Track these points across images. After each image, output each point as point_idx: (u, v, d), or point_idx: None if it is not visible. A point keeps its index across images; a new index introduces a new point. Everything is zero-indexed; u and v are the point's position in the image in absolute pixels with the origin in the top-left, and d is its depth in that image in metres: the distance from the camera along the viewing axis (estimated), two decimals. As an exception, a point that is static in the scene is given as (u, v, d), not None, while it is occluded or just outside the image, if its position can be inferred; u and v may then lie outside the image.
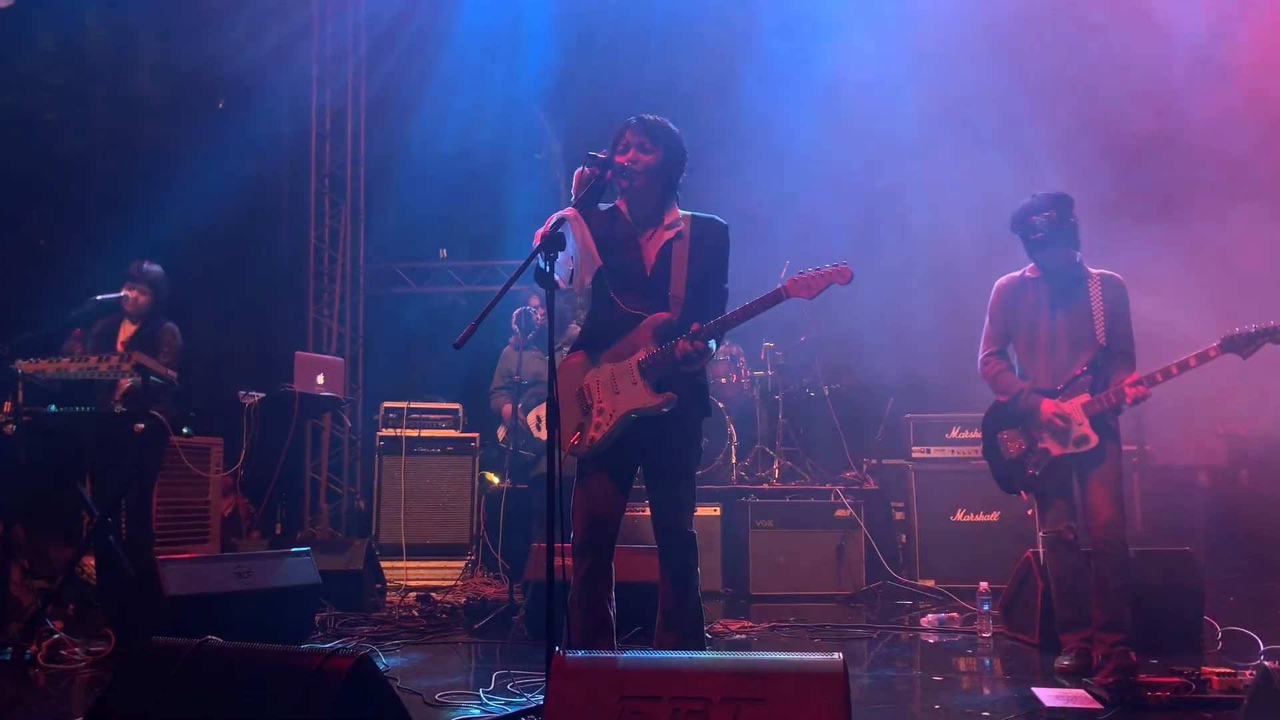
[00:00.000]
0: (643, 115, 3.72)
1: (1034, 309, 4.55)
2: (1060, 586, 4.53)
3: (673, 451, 3.71)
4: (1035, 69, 7.74)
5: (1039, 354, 4.52)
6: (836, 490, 6.98)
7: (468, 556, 7.42)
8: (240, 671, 2.72)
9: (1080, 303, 4.45)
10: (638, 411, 3.60)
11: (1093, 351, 4.40)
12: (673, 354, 3.55)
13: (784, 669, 2.53)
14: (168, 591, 4.50)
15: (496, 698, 3.90)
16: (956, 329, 7.41)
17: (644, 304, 3.68)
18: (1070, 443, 4.37)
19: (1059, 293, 4.51)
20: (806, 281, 3.61)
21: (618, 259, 3.71)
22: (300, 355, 6.64)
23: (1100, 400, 4.32)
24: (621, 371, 3.66)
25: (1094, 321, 4.40)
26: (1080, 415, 4.35)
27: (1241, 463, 7.45)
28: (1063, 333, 4.47)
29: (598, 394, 3.67)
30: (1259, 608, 6.00)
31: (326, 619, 5.50)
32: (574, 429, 3.69)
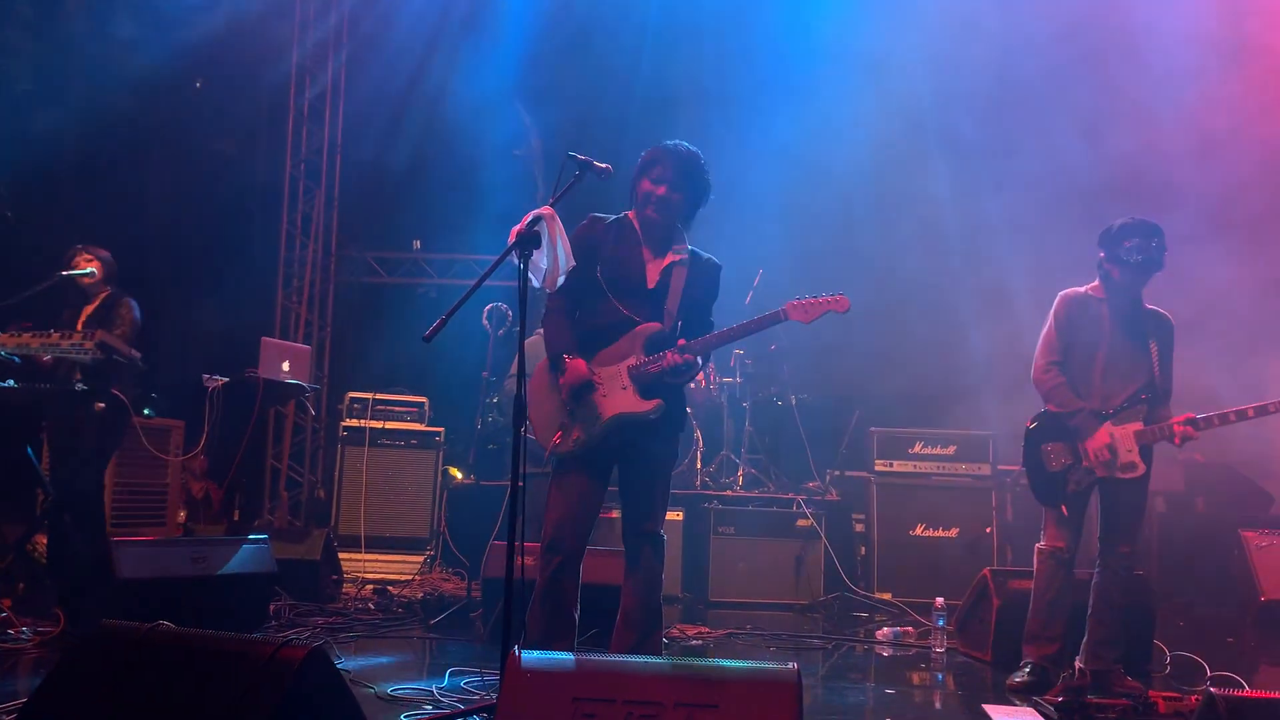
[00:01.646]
0: (679, 146, 3.81)
1: (1095, 328, 4.53)
2: (1040, 600, 4.55)
3: (652, 456, 3.77)
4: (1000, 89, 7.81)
5: (1093, 374, 4.51)
6: (799, 500, 7.01)
7: (427, 551, 7.38)
8: (191, 658, 2.69)
9: (1139, 333, 4.48)
10: (625, 416, 3.65)
11: (1145, 382, 4.42)
12: (662, 363, 3.63)
13: (738, 677, 2.53)
14: (120, 574, 4.44)
15: (450, 695, 3.88)
16: (925, 345, 7.50)
17: (641, 310, 3.76)
18: (1117, 469, 4.39)
19: (1121, 318, 4.50)
20: (805, 307, 3.74)
21: (622, 269, 3.79)
22: (266, 341, 6.58)
23: (1152, 432, 4.36)
24: (610, 375, 3.70)
25: (1150, 354, 4.43)
26: (1131, 442, 4.38)
27: (1198, 490, 7.53)
28: (1119, 358, 4.48)
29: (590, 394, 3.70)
30: (1208, 634, 6.09)
31: (281, 608, 5.45)
32: (555, 428, 3.71)
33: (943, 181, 7.75)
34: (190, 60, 8.73)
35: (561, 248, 3.61)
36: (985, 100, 7.81)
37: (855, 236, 8.18)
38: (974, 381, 7.29)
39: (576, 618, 3.68)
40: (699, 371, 3.72)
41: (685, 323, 3.80)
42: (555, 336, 3.80)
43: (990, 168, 7.66)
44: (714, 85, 8.62)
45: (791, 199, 7.87)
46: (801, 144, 7.76)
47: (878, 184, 8.18)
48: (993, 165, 7.66)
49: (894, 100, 7.94)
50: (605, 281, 3.77)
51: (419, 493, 7.54)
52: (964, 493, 7.03)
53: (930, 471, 7.10)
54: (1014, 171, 7.49)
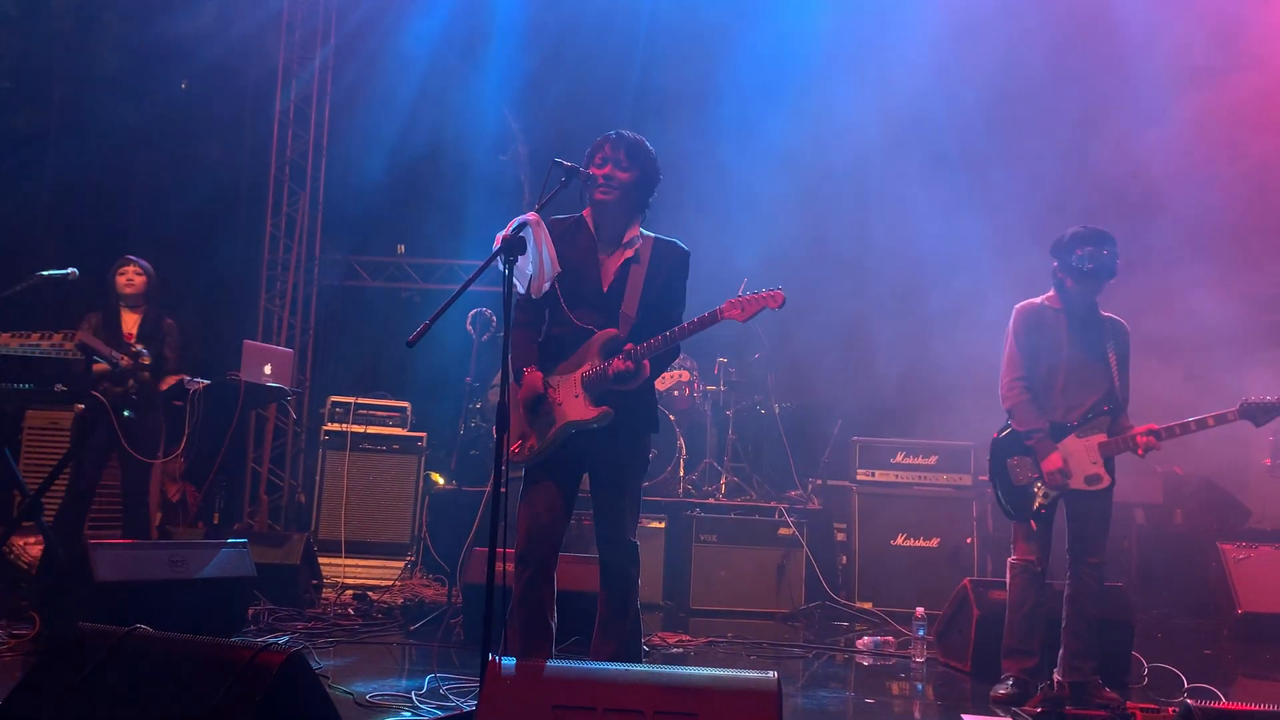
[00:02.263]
0: (622, 131, 3.75)
1: (1053, 338, 4.55)
2: (1016, 614, 4.54)
3: (615, 463, 3.72)
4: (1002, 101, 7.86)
5: (1056, 385, 4.52)
6: (781, 508, 7.02)
7: (407, 557, 7.34)
8: (169, 662, 2.67)
9: (1096, 341, 4.50)
10: (575, 425, 3.62)
11: (1106, 390, 4.44)
12: (607, 372, 3.58)
13: (718, 685, 2.53)
14: (97, 576, 4.40)
15: (428, 702, 3.87)
16: (909, 354, 7.52)
17: (596, 319, 3.70)
18: (1083, 481, 4.40)
19: (1077, 327, 4.52)
20: (741, 304, 3.65)
21: (575, 273, 3.73)
22: (248, 344, 6.54)
23: (1116, 443, 4.37)
24: (566, 385, 3.68)
25: (1109, 362, 4.46)
26: (1096, 454, 4.39)
27: (1177, 501, 7.60)
28: (1079, 368, 4.49)
29: (544, 404, 3.67)
30: (1186, 645, 6.13)
31: (260, 613, 5.42)
32: (517, 436, 3.69)
33: (925, 190, 7.78)
34: (175, 61, 8.71)
35: (547, 254, 3.61)
36: (966, 110, 7.86)
37: (838, 245, 8.22)
38: (956, 392, 7.31)
39: (554, 625, 3.66)
40: (643, 376, 3.66)
41: (648, 320, 3.71)
42: (516, 350, 3.75)
43: (973, 177, 7.70)
44: (699, 93, 8.64)
45: (773, 208, 7.90)
46: (783, 153, 7.79)
47: (861, 192, 8.22)
48: (976, 174, 7.70)
49: (873, 110, 7.99)
50: (560, 290, 3.71)
51: (400, 498, 7.50)
52: (945, 503, 7.06)
53: (912, 481, 7.12)
54: (997, 181, 7.54)
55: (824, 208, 8.08)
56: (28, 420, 6.69)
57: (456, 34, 9.01)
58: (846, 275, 8.09)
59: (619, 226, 3.78)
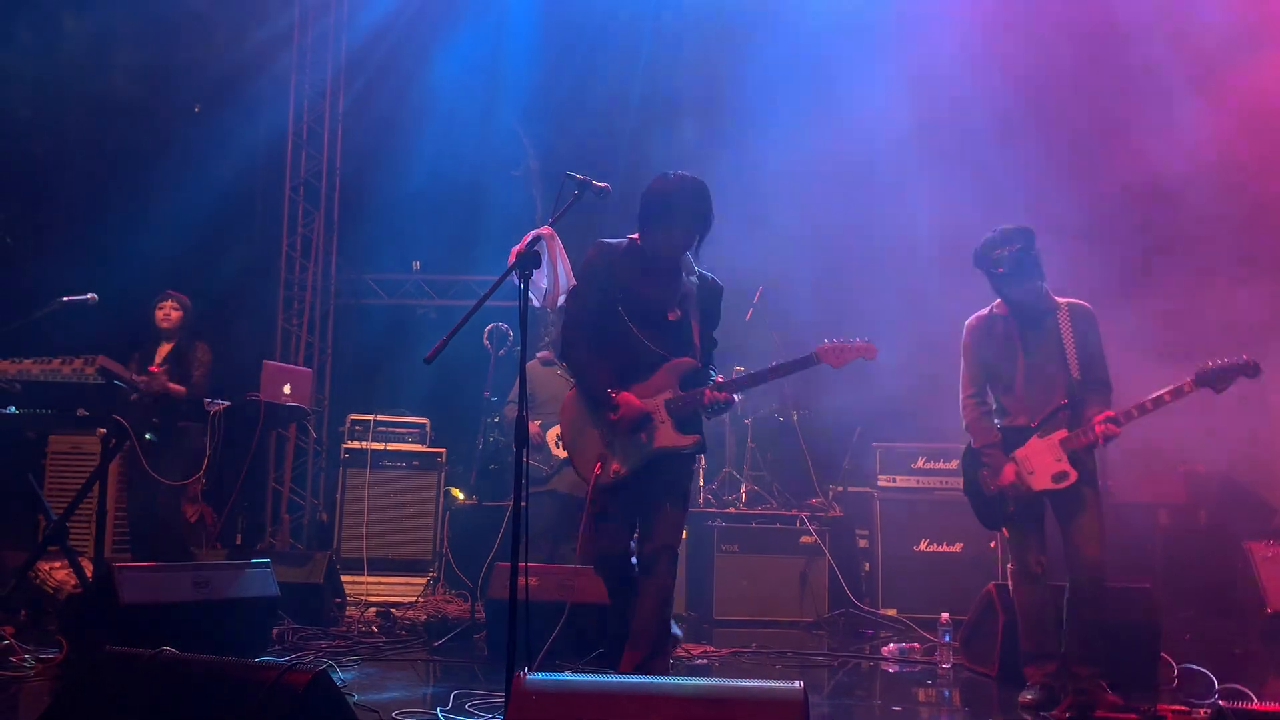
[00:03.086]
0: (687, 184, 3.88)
1: (1005, 345, 4.53)
2: (1026, 620, 4.51)
3: (676, 480, 3.95)
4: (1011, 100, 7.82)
5: (1015, 390, 4.50)
6: (802, 516, 7.00)
7: (430, 573, 7.35)
8: (196, 684, 2.68)
9: (1050, 336, 4.44)
10: (667, 450, 3.83)
11: (1067, 385, 4.38)
12: (701, 400, 3.82)
13: (744, 696, 2.52)
14: (123, 599, 4.42)
15: (455, 717, 3.87)
16: (926, 359, 7.47)
17: (665, 344, 3.89)
18: (1049, 480, 4.34)
19: (1028, 326, 4.49)
20: (837, 350, 3.98)
21: (641, 300, 3.89)
22: (268, 364, 6.57)
23: (1076, 436, 4.30)
24: (649, 409, 3.83)
25: (1066, 354, 4.39)
26: (1059, 451, 4.33)
27: (1200, 501, 7.52)
28: (1036, 368, 4.46)
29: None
30: (1215, 646, 6.06)
31: (284, 632, 5.44)
32: (595, 459, 3.86)
33: (946, 189, 7.74)
34: (187, 85, 8.78)
35: (562, 267, 3.63)
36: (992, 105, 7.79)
37: (857, 251, 8.19)
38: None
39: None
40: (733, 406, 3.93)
41: (705, 350, 4.00)
42: (594, 374, 3.90)
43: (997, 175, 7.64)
44: (711, 103, 8.65)
45: (795, 212, 7.88)
46: (805, 155, 7.77)
47: (877, 193, 8.18)
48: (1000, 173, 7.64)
49: (891, 109, 7.95)
50: (626, 314, 3.86)
51: (421, 514, 7.51)
52: (968, 507, 6.94)
53: (934, 486, 7.08)
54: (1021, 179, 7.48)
55: (839, 208, 8.05)
56: (51, 445, 6.73)
57: (466, 51, 9.05)
58: (863, 278, 8.05)
59: (678, 266, 3.99)
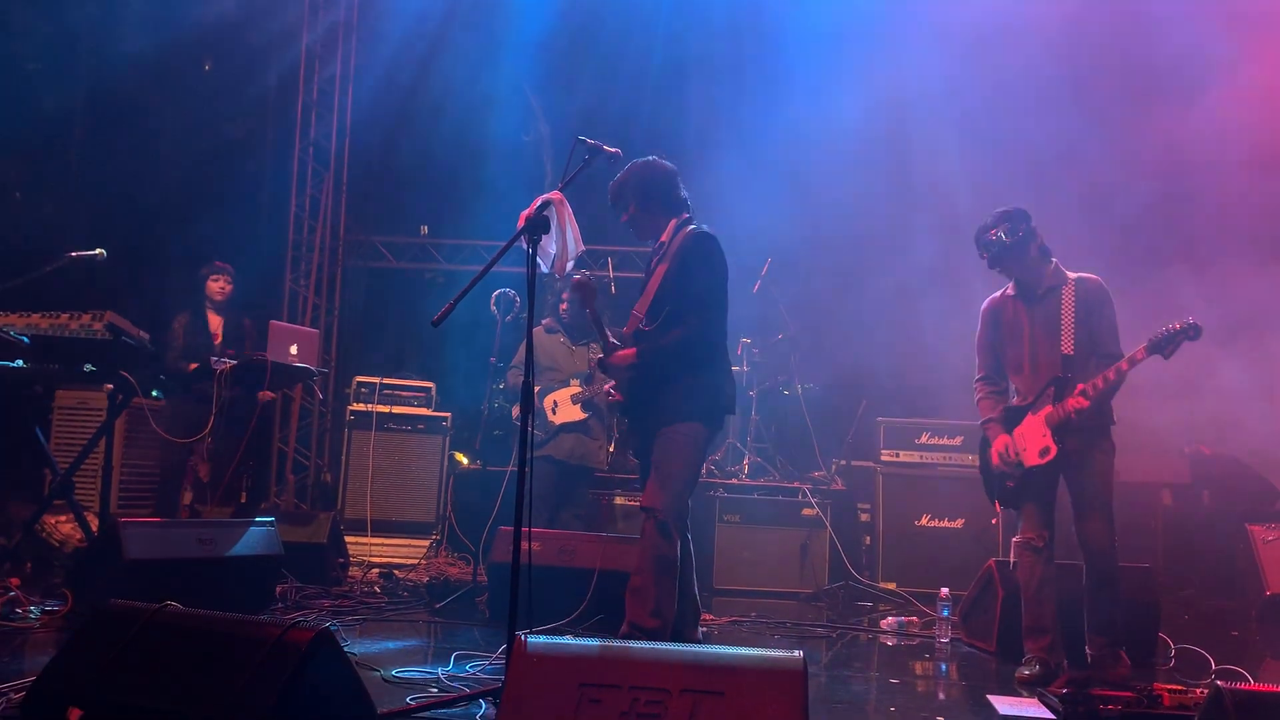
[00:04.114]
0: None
1: (1014, 327, 4.62)
2: (1026, 593, 4.56)
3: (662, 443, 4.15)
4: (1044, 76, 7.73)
5: (1024, 369, 4.60)
6: (804, 489, 7.01)
7: (433, 536, 7.39)
8: (199, 639, 2.70)
9: (1051, 314, 4.51)
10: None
11: (1060, 362, 4.45)
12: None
13: (745, 664, 2.53)
14: (127, 554, 4.45)
15: (456, 679, 3.89)
16: (933, 335, 7.46)
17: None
18: (1036, 456, 4.44)
19: (1035, 308, 4.57)
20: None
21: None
22: (275, 324, 6.57)
23: (1057, 411, 4.37)
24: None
25: (1061, 332, 4.46)
26: (1043, 427, 4.42)
27: (1204, 482, 7.51)
28: (1041, 346, 4.53)
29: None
30: (1213, 627, 6.09)
31: (287, 591, 5.47)
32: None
33: (955, 169, 7.69)
34: (199, 42, 8.72)
35: (570, 233, 3.62)
36: (1005, 84, 7.72)
37: (864, 224, 8.15)
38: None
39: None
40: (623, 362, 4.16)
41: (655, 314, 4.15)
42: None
43: (1006, 153, 7.60)
44: (724, 68, 8.58)
45: (800, 184, 7.84)
46: (811, 127, 7.71)
47: (888, 173, 8.14)
48: (1009, 150, 7.59)
49: (907, 84, 7.88)
50: None
51: (425, 477, 7.55)
52: (970, 483, 6.94)
53: (936, 462, 7.10)
54: (1028, 159, 7.43)
55: (850, 186, 7.99)
56: (58, 399, 6.77)
57: (479, 15, 8.99)
58: (872, 255, 8.02)
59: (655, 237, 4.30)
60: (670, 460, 4.09)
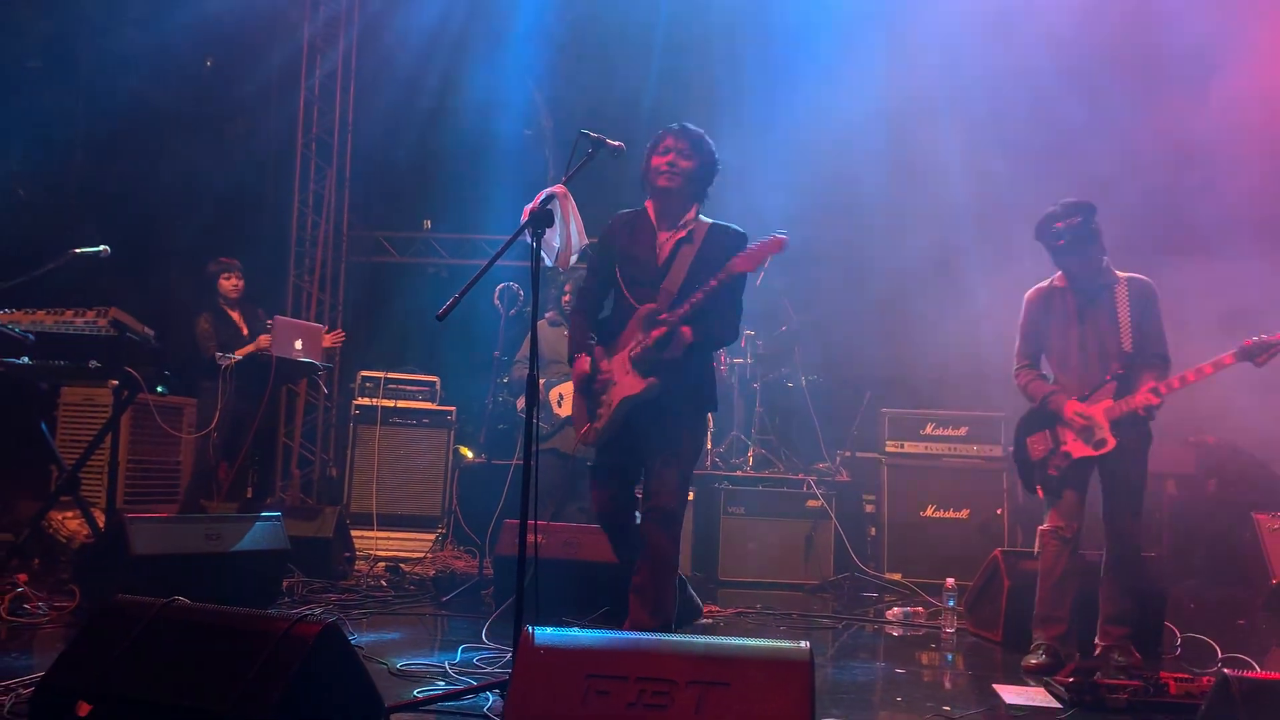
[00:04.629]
0: (685, 124, 3.95)
1: (1062, 319, 4.59)
2: (1046, 582, 4.55)
3: (663, 435, 3.87)
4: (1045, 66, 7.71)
5: (1070, 364, 4.57)
6: (809, 480, 7.01)
7: (439, 529, 7.41)
8: (206, 634, 2.71)
9: (1106, 310, 4.49)
10: (628, 400, 3.78)
11: (1119, 359, 4.43)
12: (649, 341, 3.75)
13: (751, 655, 2.53)
14: (134, 550, 4.47)
15: (462, 671, 3.90)
16: (937, 325, 7.45)
17: (646, 295, 3.87)
18: (1091, 444, 4.43)
19: (1086, 301, 4.54)
20: (748, 256, 3.79)
21: (635, 259, 3.91)
22: (279, 320, 6.58)
23: (1120, 405, 4.37)
24: (619, 364, 3.83)
25: (1119, 329, 4.44)
26: (1102, 419, 4.41)
27: (1210, 472, 7.50)
28: (1092, 342, 4.51)
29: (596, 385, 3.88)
30: (1219, 616, 6.08)
31: (294, 585, 5.48)
32: (584, 421, 3.88)
33: (958, 156, 7.68)
34: (200, 38, 8.72)
35: (574, 226, 3.62)
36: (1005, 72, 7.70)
37: (867, 215, 8.14)
38: (985, 363, 7.24)
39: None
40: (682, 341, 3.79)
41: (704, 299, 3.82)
42: (572, 341, 4.01)
43: (1009, 142, 7.57)
44: (727, 60, 8.57)
45: (802, 174, 7.82)
46: (814, 117, 7.69)
47: (891, 163, 8.12)
48: (1012, 139, 7.57)
49: (910, 72, 7.86)
50: (621, 276, 3.91)
51: (431, 471, 7.56)
52: (975, 474, 7.02)
53: (941, 453, 7.09)
54: (1030, 150, 7.41)
55: (853, 176, 7.98)
56: (64, 396, 6.78)
57: (481, 7, 8.97)
58: (875, 245, 8.00)
59: (678, 211, 3.95)
60: (691, 454, 3.99)
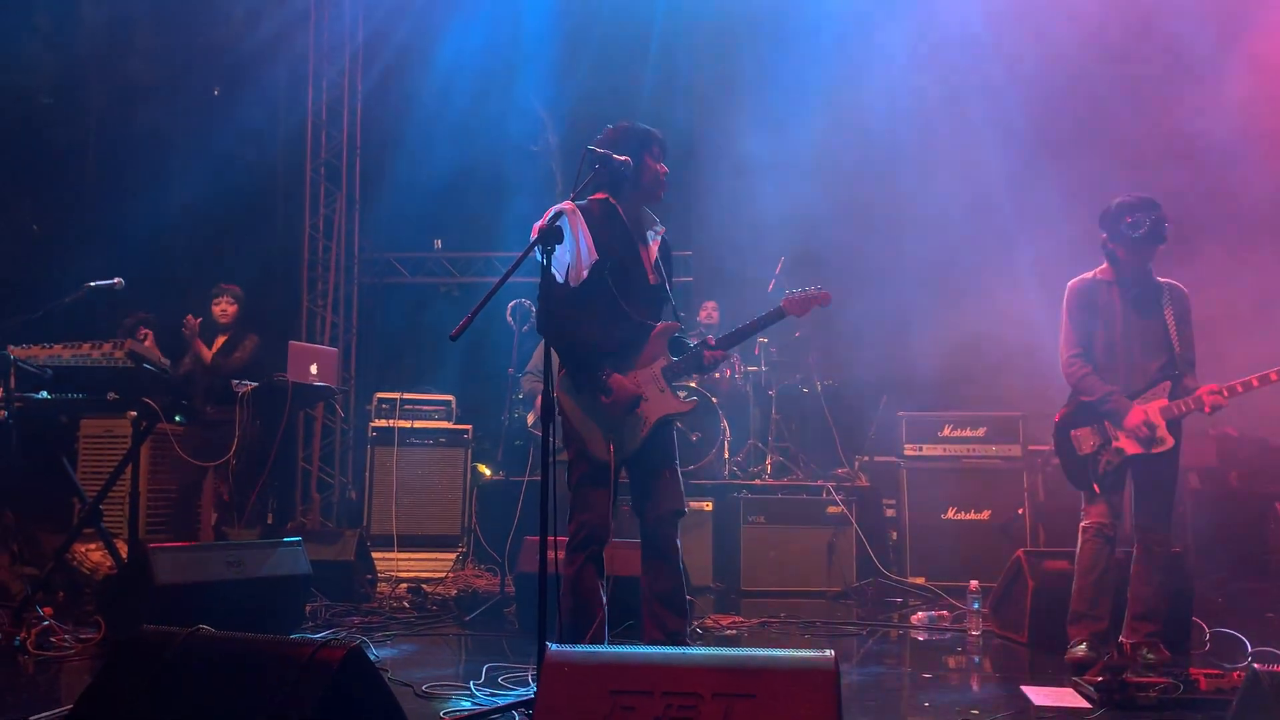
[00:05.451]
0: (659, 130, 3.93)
1: (1109, 311, 4.58)
2: (1085, 579, 4.53)
3: (670, 442, 3.93)
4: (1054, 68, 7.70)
5: (1117, 356, 4.56)
6: (828, 487, 6.99)
7: (459, 548, 7.41)
8: (231, 661, 2.71)
9: (1154, 308, 4.52)
10: (671, 416, 3.84)
11: (1168, 357, 4.47)
12: (701, 362, 3.86)
13: (776, 665, 2.52)
14: (158, 580, 4.48)
15: (487, 690, 3.90)
16: (951, 327, 7.43)
17: (649, 312, 3.88)
18: (1141, 444, 4.44)
19: (1133, 297, 4.55)
20: (799, 301, 4.01)
21: (622, 264, 3.79)
22: (294, 345, 6.61)
23: (1178, 405, 4.40)
24: (648, 379, 3.82)
25: (1168, 328, 4.48)
26: (1158, 418, 4.43)
27: (1232, 464, 7.45)
28: (1137, 336, 4.53)
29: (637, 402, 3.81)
30: (1247, 609, 6.02)
31: (317, 609, 5.50)
32: (607, 438, 3.75)
33: (968, 158, 7.67)
34: (207, 68, 8.80)
35: (584, 242, 3.62)
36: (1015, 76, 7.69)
37: (876, 216, 8.13)
38: (1003, 361, 7.22)
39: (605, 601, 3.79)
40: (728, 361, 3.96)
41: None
42: (584, 355, 3.73)
43: (1018, 145, 7.56)
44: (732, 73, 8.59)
45: (812, 179, 7.82)
46: (823, 122, 7.70)
47: (902, 161, 8.11)
48: (1021, 142, 7.56)
49: (915, 77, 7.86)
50: (615, 286, 3.74)
51: (449, 490, 7.57)
52: (995, 474, 6.99)
53: (960, 454, 7.06)
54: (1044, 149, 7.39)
55: (864, 178, 7.98)
56: (83, 429, 6.80)
57: (482, 27, 9.01)
58: (886, 247, 7.99)
59: (648, 217, 3.95)
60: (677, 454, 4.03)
